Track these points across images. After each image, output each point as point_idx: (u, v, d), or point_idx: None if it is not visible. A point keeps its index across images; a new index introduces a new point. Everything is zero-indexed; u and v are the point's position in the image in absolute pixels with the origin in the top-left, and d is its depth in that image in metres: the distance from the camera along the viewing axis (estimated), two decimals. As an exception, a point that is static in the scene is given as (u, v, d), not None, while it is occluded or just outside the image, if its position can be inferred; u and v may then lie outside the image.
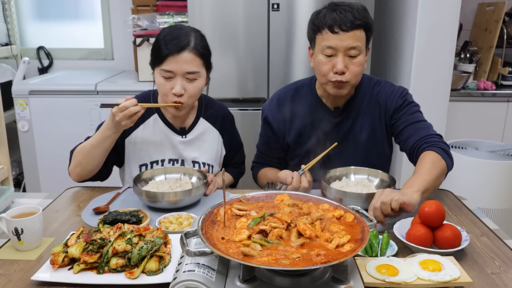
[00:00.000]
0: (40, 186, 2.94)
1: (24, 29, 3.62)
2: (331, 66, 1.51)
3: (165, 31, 1.56)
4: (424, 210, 1.17)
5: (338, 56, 1.49)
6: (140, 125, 1.64)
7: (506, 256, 1.15)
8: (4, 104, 2.15)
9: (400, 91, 1.65)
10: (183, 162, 1.67)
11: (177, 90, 1.52)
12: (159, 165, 1.65)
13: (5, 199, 1.46)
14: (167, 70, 1.51)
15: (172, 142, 1.66)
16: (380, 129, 1.66)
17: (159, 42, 1.53)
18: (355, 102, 1.65)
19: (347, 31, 1.46)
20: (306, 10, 2.54)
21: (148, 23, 2.90)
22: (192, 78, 1.53)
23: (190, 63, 1.51)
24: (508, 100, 3.03)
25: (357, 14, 1.47)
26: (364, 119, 1.65)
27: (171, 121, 1.66)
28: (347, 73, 1.51)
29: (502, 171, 2.38)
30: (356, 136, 1.66)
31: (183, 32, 1.54)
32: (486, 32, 3.26)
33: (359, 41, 1.48)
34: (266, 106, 1.75)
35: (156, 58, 1.53)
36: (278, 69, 2.62)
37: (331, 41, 1.48)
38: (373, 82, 1.69)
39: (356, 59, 1.50)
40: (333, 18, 1.47)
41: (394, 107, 1.62)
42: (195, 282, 0.90)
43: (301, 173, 1.48)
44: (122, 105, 1.43)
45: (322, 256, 0.92)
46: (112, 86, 2.87)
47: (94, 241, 1.06)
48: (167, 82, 1.53)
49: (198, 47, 1.53)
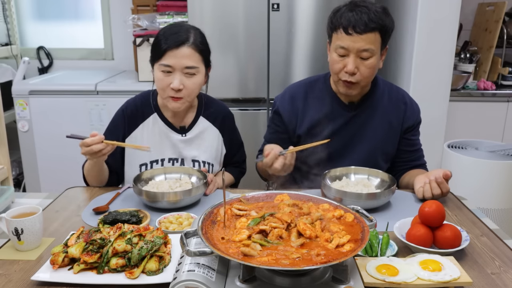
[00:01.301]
0: (40, 186, 2.94)
1: (24, 29, 3.62)
2: (342, 66, 1.53)
3: (165, 28, 1.58)
4: (424, 210, 1.17)
5: (349, 56, 1.51)
6: (140, 125, 1.65)
7: (506, 256, 1.15)
8: (4, 104, 2.15)
9: (418, 108, 1.73)
10: (183, 161, 1.67)
11: (175, 85, 1.52)
12: (159, 164, 1.65)
13: (5, 199, 1.46)
14: (166, 64, 1.52)
15: (171, 141, 1.66)
16: (394, 131, 1.69)
17: (159, 38, 1.54)
18: (371, 99, 1.67)
19: (361, 33, 1.47)
20: (306, 10, 2.54)
21: (148, 23, 2.90)
22: (191, 73, 1.54)
23: (189, 58, 1.52)
24: (508, 100, 3.03)
25: (374, 16, 1.47)
26: (381, 117, 1.67)
27: (171, 120, 1.67)
28: (357, 74, 1.52)
29: (502, 171, 2.38)
30: (369, 132, 1.67)
31: (183, 28, 1.56)
32: (486, 32, 3.26)
33: (372, 44, 1.49)
34: (278, 98, 1.76)
35: (156, 53, 1.55)
36: (278, 69, 2.62)
37: (344, 42, 1.49)
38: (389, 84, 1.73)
39: (367, 61, 1.51)
40: (349, 19, 1.47)
41: (412, 122, 1.70)
42: (195, 282, 0.90)
43: (281, 153, 1.45)
44: (85, 141, 1.42)
45: (322, 256, 0.92)
46: (112, 86, 2.87)
47: (94, 241, 1.06)
48: (166, 77, 1.54)
49: (197, 43, 1.54)
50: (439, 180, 1.45)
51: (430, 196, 1.44)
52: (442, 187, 1.45)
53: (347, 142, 1.67)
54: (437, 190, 1.45)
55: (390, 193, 1.41)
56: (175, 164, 1.66)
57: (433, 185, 1.46)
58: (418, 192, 1.49)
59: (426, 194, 1.46)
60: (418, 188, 1.49)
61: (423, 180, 1.49)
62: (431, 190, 1.46)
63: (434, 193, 1.45)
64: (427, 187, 1.47)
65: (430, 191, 1.46)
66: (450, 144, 2.64)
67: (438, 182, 1.45)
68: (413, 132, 1.72)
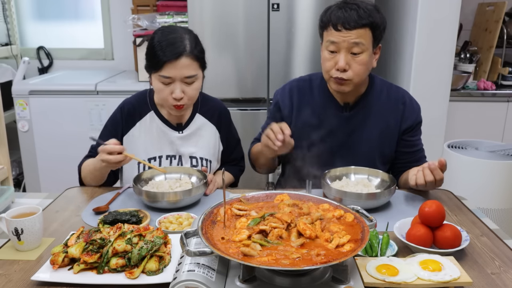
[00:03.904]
0: (40, 186, 2.94)
1: (24, 29, 3.62)
2: (333, 63, 1.52)
3: (158, 35, 1.55)
4: (424, 210, 1.17)
5: (340, 52, 1.49)
6: (137, 123, 1.67)
7: (506, 256, 1.15)
8: (4, 104, 2.15)
9: (418, 107, 1.70)
10: (180, 158, 1.68)
11: (177, 95, 1.54)
12: (156, 161, 1.66)
13: (5, 199, 1.46)
14: (166, 76, 1.52)
15: (169, 138, 1.67)
16: (391, 133, 1.67)
17: (155, 48, 1.52)
18: (367, 100, 1.65)
19: (351, 29, 1.46)
20: (306, 10, 2.54)
21: (148, 23, 2.90)
22: (190, 82, 1.56)
23: (188, 67, 1.53)
24: (508, 100, 3.03)
25: (363, 13, 1.46)
26: (377, 118, 1.65)
27: (168, 118, 1.68)
28: (349, 71, 1.51)
29: (502, 171, 2.38)
30: (364, 134, 1.66)
31: (178, 36, 1.53)
32: (486, 32, 3.26)
33: (362, 38, 1.47)
34: (278, 92, 1.77)
35: (153, 64, 1.54)
36: (278, 69, 2.62)
37: (334, 37, 1.49)
38: (389, 84, 1.70)
39: (359, 57, 1.49)
40: (338, 16, 1.47)
41: (411, 123, 1.67)
42: (195, 282, 0.90)
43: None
44: (105, 147, 1.42)
45: (322, 256, 0.92)
46: (112, 86, 2.87)
47: (94, 241, 1.06)
48: (166, 87, 1.55)
49: (195, 52, 1.54)
50: (432, 167, 1.42)
51: (423, 183, 1.42)
52: (435, 173, 1.41)
53: (342, 144, 1.66)
54: (430, 177, 1.41)
55: (390, 193, 1.41)
56: (172, 161, 1.67)
57: (426, 171, 1.42)
58: (411, 179, 1.46)
59: (419, 180, 1.43)
60: (411, 176, 1.46)
61: (417, 169, 1.47)
62: (424, 177, 1.42)
63: (427, 180, 1.41)
64: (420, 174, 1.43)
65: (422, 178, 1.42)
66: (450, 144, 2.64)
67: (431, 168, 1.42)
68: (412, 132, 1.69)
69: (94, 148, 1.66)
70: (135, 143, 1.66)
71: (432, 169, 1.42)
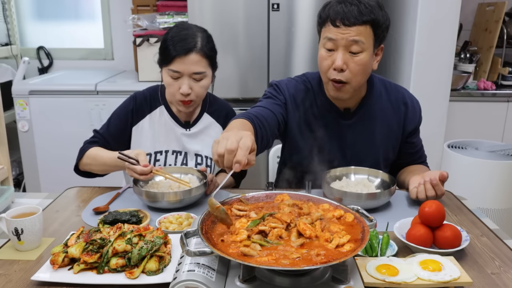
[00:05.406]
0: (40, 186, 2.94)
1: (24, 29, 3.62)
2: (331, 62, 1.42)
3: (172, 31, 1.60)
4: (424, 210, 1.17)
5: (338, 51, 1.40)
6: (147, 115, 1.71)
7: (506, 256, 1.15)
8: (4, 104, 2.15)
9: (419, 107, 1.66)
10: (186, 154, 1.71)
11: (184, 90, 1.57)
12: (163, 155, 1.69)
13: (5, 199, 1.46)
14: (175, 70, 1.57)
15: (176, 134, 1.71)
16: (395, 136, 1.62)
17: (167, 43, 1.57)
18: (369, 104, 1.57)
19: (350, 26, 1.36)
20: (306, 10, 2.54)
21: (148, 23, 2.90)
22: (198, 78, 1.59)
23: (197, 64, 1.56)
24: (508, 100, 3.03)
25: (364, 9, 1.36)
26: (380, 123, 1.59)
27: (177, 114, 1.72)
28: (346, 72, 1.41)
29: (502, 171, 2.38)
30: (368, 141, 1.59)
31: (190, 33, 1.58)
32: (486, 32, 3.26)
33: (362, 36, 1.37)
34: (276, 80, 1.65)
35: (164, 58, 1.59)
36: (278, 69, 2.62)
37: (332, 33, 1.39)
38: (387, 82, 1.63)
39: (358, 57, 1.39)
40: (337, 12, 1.38)
41: (414, 125, 1.63)
42: (195, 282, 0.90)
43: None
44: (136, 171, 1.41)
45: (322, 256, 0.92)
46: (112, 86, 2.87)
47: (94, 241, 1.06)
48: (175, 82, 1.59)
49: (205, 49, 1.58)
50: (434, 182, 1.39)
51: (424, 198, 1.39)
52: (437, 189, 1.40)
53: (344, 152, 1.59)
54: (431, 192, 1.40)
55: (390, 193, 1.41)
56: (178, 156, 1.70)
57: (428, 186, 1.41)
58: (411, 192, 1.44)
59: (420, 195, 1.41)
60: (412, 189, 1.44)
61: (418, 181, 1.44)
62: (425, 192, 1.40)
63: (428, 195, 1.40)
64: (421, 188, 1.41)
65: (424, 193, 1.41)
66: (450, 144, 2.64)
67: (433, 184, 1.40)
68: (415, 134, 1.66)
69: (98, 133, 1.68)
70: (143, 134, 1.70)
71: (434, 185, 1.40)
